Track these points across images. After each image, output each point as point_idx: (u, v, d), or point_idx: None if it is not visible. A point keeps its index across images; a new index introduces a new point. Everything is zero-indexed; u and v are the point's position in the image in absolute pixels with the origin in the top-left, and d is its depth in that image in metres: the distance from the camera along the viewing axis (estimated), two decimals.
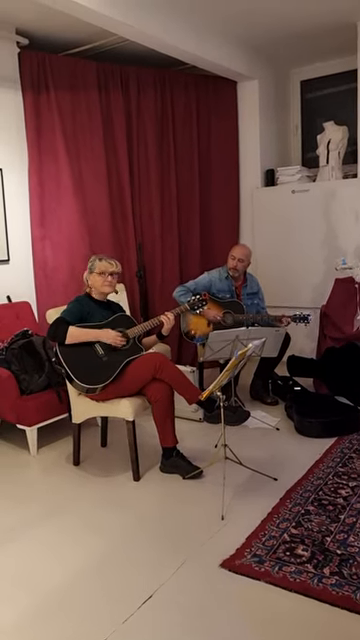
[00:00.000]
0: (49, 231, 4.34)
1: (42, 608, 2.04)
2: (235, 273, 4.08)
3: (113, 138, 4.65)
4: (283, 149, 5.65)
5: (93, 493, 2.93)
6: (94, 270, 3.12)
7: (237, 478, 2.97)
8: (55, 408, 3.50)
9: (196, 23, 4.24)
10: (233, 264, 4.05)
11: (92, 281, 3.14)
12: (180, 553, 2.34)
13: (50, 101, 4.25)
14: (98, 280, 3.12)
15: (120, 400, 3.02)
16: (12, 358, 3.51)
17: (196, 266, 5.15)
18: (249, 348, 2.84)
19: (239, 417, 3.78)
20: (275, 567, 2.18)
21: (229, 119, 5.29)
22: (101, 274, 3.11)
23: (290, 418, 3.81)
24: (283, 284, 5.13)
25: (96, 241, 4.54)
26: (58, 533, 2.55)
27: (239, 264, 4.05)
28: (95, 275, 3.12)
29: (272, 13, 4.18)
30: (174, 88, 4.97)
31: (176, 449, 3.09)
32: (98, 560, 2.32)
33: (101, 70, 4.52)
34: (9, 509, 2.79)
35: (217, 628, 1.90)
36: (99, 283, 3.12)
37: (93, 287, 3.15)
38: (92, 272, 3.12)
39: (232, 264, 4.05)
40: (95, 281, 3.13)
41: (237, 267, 4.05)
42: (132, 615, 1.98)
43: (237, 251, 4.07)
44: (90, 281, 3.15)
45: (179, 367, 3.23)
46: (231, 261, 4.05)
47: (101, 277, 3.11)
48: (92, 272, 3.12)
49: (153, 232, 4.97)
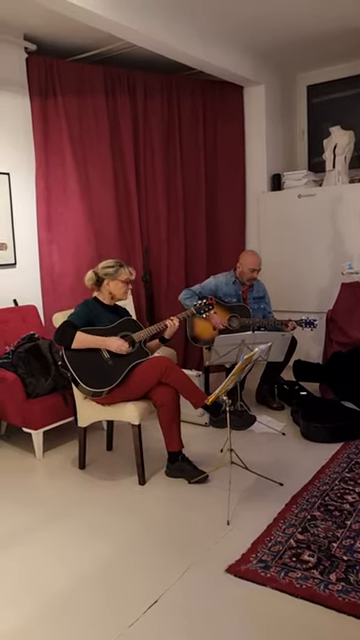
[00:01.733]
0: (56, 235, 4.36)
1: (47, 612, 2.04)
2: (252, 282, 4.09)
3: (120, 143, 4.67)
4: (289, 154, 5.66)
5: (98, 497, 2.93)
6: (118, 277, 3.09)
7: (243, 483, 2.96)
8: (61, 412, 3.50)
9: (203, 28, 4.26)
10: (252, 275, 4.05)
11: (113, 288, 3.11)
12: (186, 558, 2.33)
13: (57, 106, 4.28)
14: (121, 287, 3.11)
15: (126, 404, 3.02)
16: (18, 361, 3.52)
17: (202, 270, 5.15)
18: (255, 352, 2.83)
19: (245, 422, 3.77)
20: (281, 573, 2.17)
21: (235, 124, 5.30)
22: (126, 282, 3.11)
23: (296, 423, 3.79)
24: (289, 289, 5.12)
25: (102, 245, 4.55)
26: (63, 537, 2.55)
27: (257, 274, 4.07)
28: (118, 282, 3.10)
29: (279, 19, 4.19)
30: (181, 93, 4.99)
31: (182, 453, 3.08)
32: (103, 564, 2.32)
33: (108, 75, 4.54)
34: (15, 512, 2.79)
35: (223, 634, 1.89)
36: (121, 290, 3.12)
37: (113, 293, 3.13)
38: (115, 279, 3.09)
39: (250, 275, 4.05)
40: (117, 288, 3.11)
41: (255, 277, 4.08)
42: (138, 620, 1.97)
43: (256, 262, 4.05)
44: (111, 287, 3.12)
45: (185, 371, 3.23)
46: (250, 273, 4.04)
47: (125, 285, 3.11)
48: (115, 279, 3.09)
49: (159, 236, 4.98)
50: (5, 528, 2.65)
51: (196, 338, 4.10)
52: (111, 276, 3.10)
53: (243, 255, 4.14)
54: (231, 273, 4.16)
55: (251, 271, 4.05)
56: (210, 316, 3.86)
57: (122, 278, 3.10)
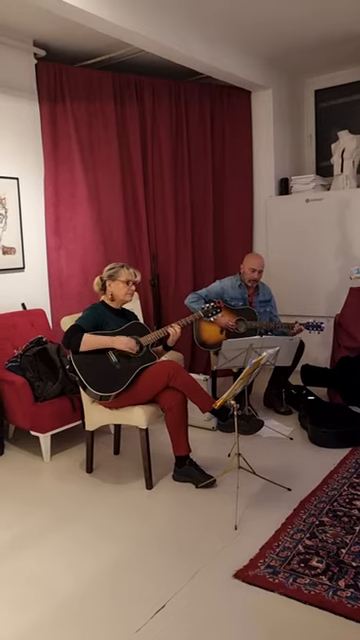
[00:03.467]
0: (64, 240, 4.37)
1: (54, 615, 2.04)
2: (254, 284, 4.09)
3: (128, 148, 4.68)
4: (297, 158, 5.66)
5: (106, 501, 2.93)
6: (118, 278, 3.10)
7: (250, 488, 2.95)
8: (68, 415, 3.51)
9: (211, 34, 4.27)
10: (255, 276, 4.05)
11: (114, 288, 3.12)
12: (193, 562, 2.32)
13: (66, 111, 4.31)
14: (122, 288, 3.11)
15: (133, 408, 3.02)
16: (27, 365, 3.54)
17: (210, 275, 5.16)
18: (264, 357, 2.83)
19: (253, 426, 3.76)
20: (289, 579, 2.16)
21: (243, 128, 5.31)
22: (126, 283, 3.11)
23: (304, 428, 3.78)
24: (297, 293, 5.11)
25: (110, 250, 4.57)
26: (71, 540, 2.55)
27: (259, 275, 4.07)
28: (119, 283, 3.11)
29: (287, 23, 4.20)
30: (188, 98, 5.00)
31: (189, 457, 3.08)
32: (111, 568, 2.32)
33: (116, 81, 4.57)
34: (22, 515, 2.80)
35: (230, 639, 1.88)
36: (123, 291, 3.12)
37: (114, 294, 3.14)
38: (115, 279, 3.11)
39: (252, 276, 4.05)
40: (119, 289, 3.12)
41: (257, 278, 4.07)
42: (145, 624, 1.96)
43: (257, 263, 4.06)
44: (112, 288, 3.13)
45: (192, 375, 3.23)
46: (250, 273, 4.05)
47: (126, 285, 3.12)
48: (115, 279, 3.11)
49: (167, 241, 4.99)
50: (13, 531, 2.65)
51: (203, 342, 4.10)
52: (112, 277, 3.12)
53: (246, 256, 4.16)
54: (237, 277, 4.16)
55: (251, 271, 4.05)
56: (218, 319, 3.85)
57: (122, 279, 3.10)
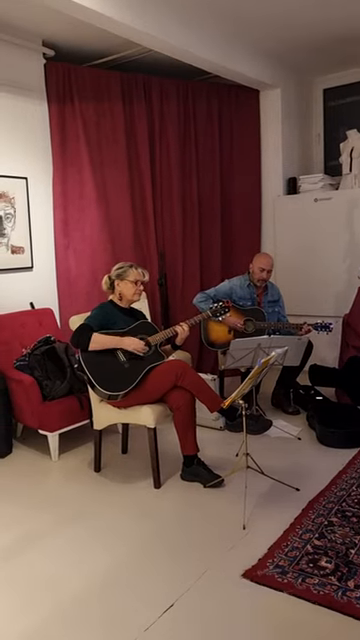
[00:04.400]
0: (72, 239, 4.39)
1: (63, 614, 2.04)
2: (262, 284, 4.08)
3: (136, 148, 4.69)
4: (305, 157, 5.64)
5: (114, 500, 2.93)
6: (127, 277, 3.11)
7: (258, 487, 2.95)
8: (76, 414, 3.52)
9: (220, 33, 4.27)
10: (263, 276, 4.04)
11: (123, 288, 3.13)
12: (201, 562, 2.32)
13: (75, 111, 4.32)
14: (130, 288, 3.12)
15: (142, 407, 3.02)
16: (35, 364, 3.55)
17: (217, 274, 5.15)
18: (272, 357, 2.82)
19: (261, 426, 3.76)
20: (298, 579, 2.15)
21: (251, 128, 5.30)
22: (134, 283, 3.12)
23: (312, 428, 3.77)
24: (305, 293, 5.09)
25: (118, 249, 4.57)
26: (79, 539, 2.56)
27: (267, 275, 4.06)
28: (127, 282, 3.12)
29: (295, 22, 4.19)
30: (196, 98, 5.00)
31: (197, 457, 3.08)
32: (119, 567, 2.32)
33: (125, 80, 4.57)
34: (30, 514, 2.81)
35: (239, 639, 1.88)
36: (131, 291, 3.13)
37: (122, 294, 3.15)
38: (124, 279, 3.12)
39: (261, 276, 4.04)
40: (127, 289, 3.13)
41: (265, 278, 4.06)
42: (154, 623, 1.97)
43: (266, 262, 4.05)
44: (120, 288, 3.14)
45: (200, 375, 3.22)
46: (259, 273, 4.03)
47: (134, 285, 3.12)
48: (124, 279, 3.12)
49: (174, 240, 4.99)
50: (21, 529, 2.66)
51: (211, 342, 4.09)
52: (120, 277, 3.13)
53: (255, 256, 4.16)
54: (245, 276, 4.15)
55: (260, 270, 4.04)
56: (226, 319, 3.84)
57: (130, 278, 3.11)
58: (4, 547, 2.51)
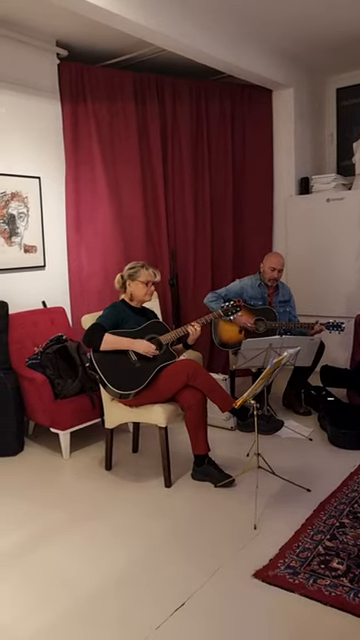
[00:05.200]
0: (84, 238, 4.40)
1: (75, 612, 2.05)
2: (273, 283, 4.07)
3: (148, 147, 4.70)
4: (318, 157, 5.62)
5: (125, 498, 2.94)
6: (138, 278, 3.12)
7: (269, 488, 2.94)
8: (88, 413, 3.54)
9: (234, 33, 4.26)
10: (274, 275, 4.03)
11: (134, 289, 3.14)
12: (212, 561, 2.32)
13: (87, 111, 4.33)
14: (141, 289, 3.13)
15: (153, 406, 3.03)
16: (47, 362, 3.57)
17: (228, 274, 5.15)
18: (284, 357, 2.81)
19: (272, 426, 3.75)
20: (309, 580, 2.14)
21: (264, 127, 5.29)
22: (145, 284, 3.13)
23: (323, 429, 3.75)
24: (317, 293, 5.07)
25: (130, 248, 4.58)
26: (91, 537, 2.57)
27: (278, 274, 4.04)
28: (139, 283, 3.12)
29: (309, 22, 4.17)
30: (209, 97, 5.00)
31: (208, 457, 3.08)
32: (130, 565, 2.33)
33: (138, 80, 4.58)
34: (43, 512, 2.82)
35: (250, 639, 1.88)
36: (142, 292, 3.14)
37: (134, 294, 3.16)
38: (135, 280, 3.13)
39: (272, 275, 4.02)
40: (138, 289, 3.14)
41: (276, 277, 4.05)
42: (165, 622, 1.97)
43: (277, 262, 4.04)
44: (132, 288, 3.15)
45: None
46: (270, 272, 4.02)
47: (145, 286, 3.13)
48: (135, 280, 3.13)
49: (186, 239, 4.99)
50: (33, 527, 2.68)
51: (222, 342, 4.09)
52: (131, 277, 3.13)
53: (266, 255, 4.15)
54: (256, 276, 4.15)
55: (271, 270, 4.03)
56: (237, 318, 3.84)
57: (142, 279, 3.12)
58: (17, 544, 2.53)
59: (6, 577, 2.28)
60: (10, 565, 2.36)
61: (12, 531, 2.64)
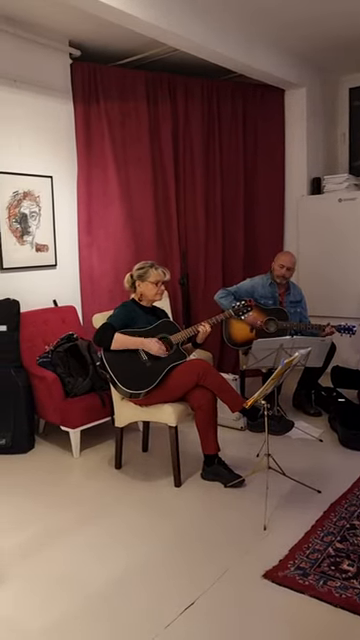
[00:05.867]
0: (95, 237, 4.42)
1: (84, 610, 2.06)
2: (283, 281, 4.06)
3: (160, 147, 4.70)
4: (330, 157, 5.59)
5: (135, 497, 2.94)
6: (148, 278, 3.12)
7: (279, 488, 2.93)
8: (98, 411, 3.54)
9: (246, 32, 4.25)
10: (282, 272, 4.02)
11: (144, 289, 3.14)
12: (222, 561, 2.32)
13: (100, 111, 4.35)
14: (151, 289, 3.13)
15: (163, 405, 3.03)
16: (58, 361, 3.58)
17: (239, 274, 5.13)
18: (296, 357, 2.80)
19: (283, 427, 3.73)
20: (320, 581, 2.13)
21: (276, 127, 5.27)
22: (155, 284, 3.13)
23: (334, 430, 3.73)
24: (328, 293, 5.05)
25: (141, 248, 4.59)
26: (100, 536, 2.57)
27: (287, 272, 4.03)
28: (148, 284, 3.12)
29: (322, 21, 4.15)
30: (221, 97, 4.99)
31: (218, 457, 3.07)
32: (140, 564, 2.33)
33: (150, 80, 4.59)
34: (53, 510, 2.84)
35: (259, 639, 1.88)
36: (152, 292, 3.14)
37: (144, 295, 3.17)
38: (145, 280, 3.13)
39: (281, 272, 4.02)
40: (148, 289, 3.14)
41: (285, 275, 4.03)
42: (174, 620, 1.97)
43: (286, 259, 4.04)
44: (142, 288, 3.15)
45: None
46: (279, 269, 4.02)
47: (155, 286, 3.13)
48: (145, 280, 3.13)
49: (197, 239, 4.99)
50: (43, 525, 2.69)
51: (233, 340, 4.08)
52: (141, 278, 3.13)
53: (277, 254, 4.15)
54: (268, 275, 4.14)
55: (280, 267, 4.02)
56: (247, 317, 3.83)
57: (152, 279, 3.12)
58: (27, 542, 2.54)
59: (16, 574, 2.29)
60: (20, 562, 2.38)
61: (23, 528, 2.65)
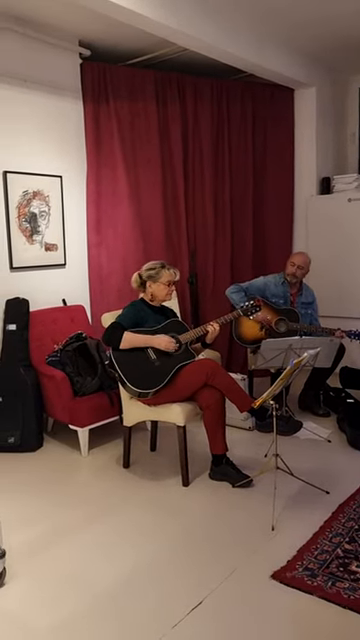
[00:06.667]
0: (104, 237, 4.43)
1: (92, 609, 2.07)
2: (293, 279, 4.06)
3: (169, 146, 4.70)
4: (340, 157, 5.56)
5: (143, 497, 2.95)
6: (160, 279, 3.12)
7: (287, 489, 2.93)
8: (106, 411, 3.55)
9: (256, 32, 4.24)
10: (292, 270, 4.03)
11: (155, 289, 3.14)
12: (230, 561, 2.32)
13: (109, 110, 4.35)
14: (163, 289, 3.13)
15: (171, 405, 3.03)
16: (66, 360, 3.59)
17: (248, 274, 5.11)
18: (305, 357, 2.79)
19: (291, 427, 3.72)
20: (328, 582, 2.13)
21: (285, 127, 5.26)
22: (168, 284, 3.13)
23: (342, 431, 3.72)
24: (337, 294, 5.02)
25: (150, 247, 4.60)
26: (108, 535, 2.58)
27: (298, 271, 4.03)
28: (160, 284, 3.12)
29: (332, 21, 4.13)
30: (230, 97, 4.98)
31: (226, 456, 3.07)
32: (148, 563, 2.33)
33: (159, 79, 4.59)
34: (61, 509, 2.85)
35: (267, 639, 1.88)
36: (163, 292, 3.14)
37: (155, 295, 3.16)
38: (157, 281, 3.13)
39: (292, 270, 4.03)
40: (160, 290, 3.14)
41: (296, 274, 4.04)
42: (182, 620, 1.97)
43: (297, 258, 4.05)
44: (152, 289, 3.15)
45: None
46: (290, 267, 4.03)
47: (167, 287, 3.13)
48: (157, 281, 3.13)
49: (206, 239, 4.99)
50: (51, 523, 2.70)
51: (242, 338, 4.07)
52: (152, 278, 3.13)
53: (292, 253, 4.14)
54: (280, 274, 4.14)
55: (291, 265, 4.03)
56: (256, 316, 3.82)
57: (163, 280, 3.12)
58: (35, 540, 2.55)
59: (24, 572, 2.30)
60: (28, 560, 2.39)
61: (30, 526, 2.67)
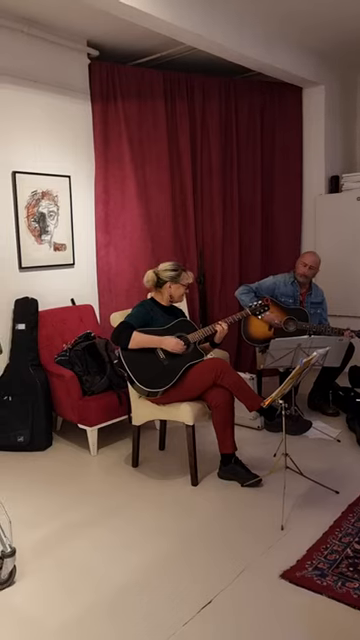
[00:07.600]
0: (113, 236, 4.44)
1: (103, 605, 2.08)
2: (304, 279, 4.05)
3: (177, 146, 4.70)
4: (348, 155, 5.54)
5: (152, 496, 2.95)
6: (180, 281, 3.16)
7: (297, 488, 2.92)
8: (115, 410, 3.56)
9: (265, 31, 4.24)
10: (304, 270, 4.02)
11: (174, 290, 3.18)
12: (239, 560, 2.32)
13: (117, 110, 4.36)
14: (181, 291, 3.19)
15: (180, 404, 3.03)
16: (75, 359, 3.61)
17: (257, 273, 5.12)
18: (314, 357, 2.79)
19: (301, 427, 3.71)
20: (338, 582, 2.12)
21: (294, 125, 5.24)
22: (185, 286, 3.17)
23: (352, 430, 3.70)
24: (346, 293, 5.00)
25: (158, 247, 4.60)
26: (118, 533, 2.59)
27: (309, 271, 4.03)
28: (180, 286, 3.17)
29: (341, 19, 4.11)
30: (239, 95, 4.98)
31: (235, 456, 3.07)
32: (157, 562, 2.34)
33: (167, 79, 4.59)
34: (71, 507, 2.86)
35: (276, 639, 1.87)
36: (181, 293, 3.19)
37: (173, 296, 3.19)
38: (177, 282, 3.16)
39: (303, 270, 4.02)
40: (178, 291, 3.18)
41: (307, 274, 4.03)
42: (192, 619, 1.97)
43: (309, 258, 4.04)
44: (172, 290, 3.17)
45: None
46: (302, 267, 4.03)
47: (184, 288, 3.19)
48: (177, 282, 3.16)
49: (214, 239, 4.98)
50: (61, 522, 2.71)
51: (251, 337, 4.07)
52: (174, 280, 3.16)
53: (303, 253, 4.16)
54: (290, 274, 4.13)
55: (302, 265, 4.03)
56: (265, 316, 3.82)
57: (184, 282, 3.17)
58: (45, 539, 2.57)
59: (34, 570, 2.32)
60: (38, 559, 2.40)
61: (40, 525, 2.68)
